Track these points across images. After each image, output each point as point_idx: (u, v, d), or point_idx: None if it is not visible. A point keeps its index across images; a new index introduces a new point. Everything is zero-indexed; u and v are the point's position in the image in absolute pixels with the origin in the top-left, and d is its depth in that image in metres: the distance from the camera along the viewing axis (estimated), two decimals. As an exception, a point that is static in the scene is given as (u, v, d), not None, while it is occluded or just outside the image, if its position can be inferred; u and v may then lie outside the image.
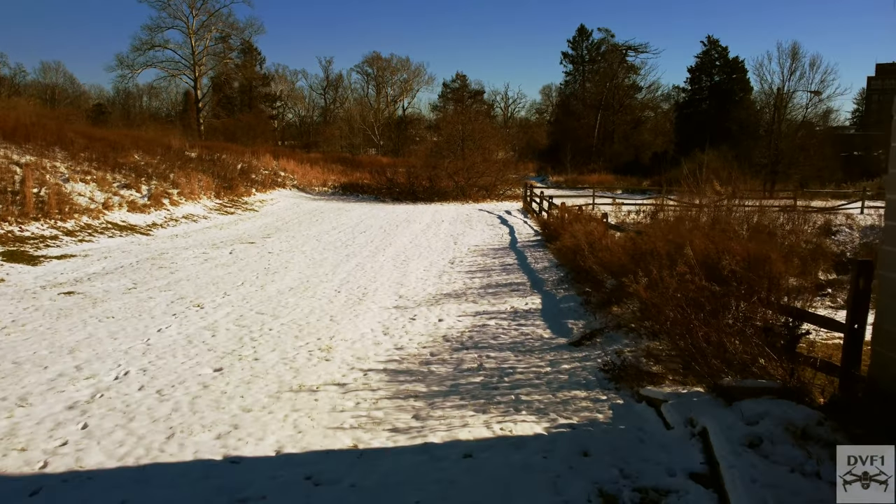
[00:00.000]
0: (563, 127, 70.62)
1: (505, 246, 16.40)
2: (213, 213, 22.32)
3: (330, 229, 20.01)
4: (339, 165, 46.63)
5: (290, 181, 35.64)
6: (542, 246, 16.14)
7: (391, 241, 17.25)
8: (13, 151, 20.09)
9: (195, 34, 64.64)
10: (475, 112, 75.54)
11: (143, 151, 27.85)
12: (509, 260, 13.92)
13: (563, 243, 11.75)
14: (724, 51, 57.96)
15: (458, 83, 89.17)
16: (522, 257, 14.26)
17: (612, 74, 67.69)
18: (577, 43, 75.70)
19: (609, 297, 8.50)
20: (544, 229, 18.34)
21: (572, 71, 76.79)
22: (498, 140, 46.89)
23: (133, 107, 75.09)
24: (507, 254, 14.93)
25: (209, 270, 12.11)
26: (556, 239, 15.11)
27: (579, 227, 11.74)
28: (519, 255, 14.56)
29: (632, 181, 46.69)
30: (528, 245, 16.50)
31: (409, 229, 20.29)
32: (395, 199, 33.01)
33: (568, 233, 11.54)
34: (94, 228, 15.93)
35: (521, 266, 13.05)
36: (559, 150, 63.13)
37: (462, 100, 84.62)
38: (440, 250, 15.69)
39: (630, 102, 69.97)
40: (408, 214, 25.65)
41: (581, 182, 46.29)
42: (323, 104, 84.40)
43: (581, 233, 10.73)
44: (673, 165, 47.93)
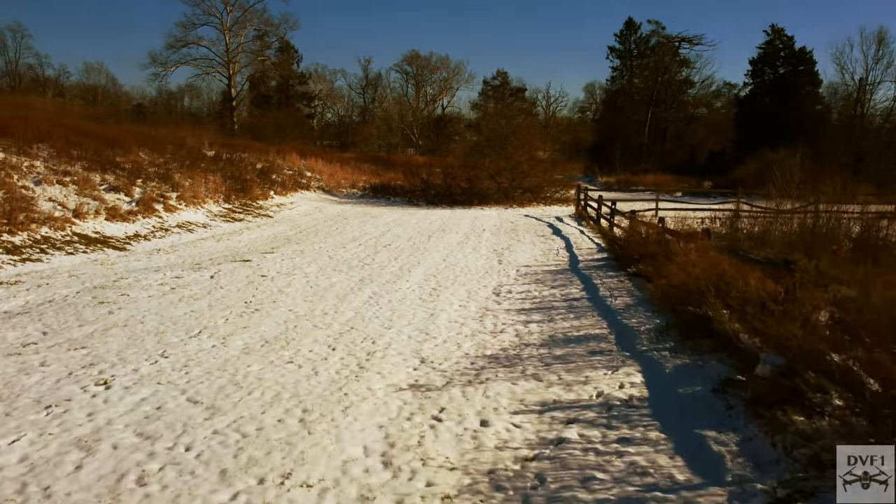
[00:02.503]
0: (609, 125, 66.64)
1: (564, 267, 12.85)
2: (216, 221, 19.22)
3: (349, 241, 16.71)
4: (372, 165, 43.49)
5: (316, 182, 32.54)
6: (611, 267, 12.55)
7: (420, 259, 13.86)
8: (-13, 149, 17.26)
9: (229, 31, 62.92)
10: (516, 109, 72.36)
11: (150, 149, 25.00)
12: (574, 291, 10.37)
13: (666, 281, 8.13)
14: (789, 41, 53.20)
15: (499, 80, 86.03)
16: (591, 286, 10.69)
17: (663, 68, 63.35)
18: (624, 37, 71.60)
19: (774, 388, 4.92)
20: (612, 245, 14.72)
21: (619, 66, 72.73)
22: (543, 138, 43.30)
23: (174, 107, 74.39)
24: (569, 279, 11.38)
25: (166, 308, 8.86)
26: (636, 261, 11.53)
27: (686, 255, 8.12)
28: (586, 283, 10.99)
29: (690, 182, 42.49)
30: (594, 266, 12.92)
31: (443, 241, 16.87)
32: (429, 203, 29.64)
33: (674, 264, 7.87)
34: (52, 242, 12.88)
35: (594, 302, 9.49)
36: (606, 149, 59.13)
37: (503, 97, 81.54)
38: (481, 272, 12.23)
39: (683, 98, 65.52)
40: (443, 221, 22.23)
41: (634, 183, 42.29)
42: (362, 103, 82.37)
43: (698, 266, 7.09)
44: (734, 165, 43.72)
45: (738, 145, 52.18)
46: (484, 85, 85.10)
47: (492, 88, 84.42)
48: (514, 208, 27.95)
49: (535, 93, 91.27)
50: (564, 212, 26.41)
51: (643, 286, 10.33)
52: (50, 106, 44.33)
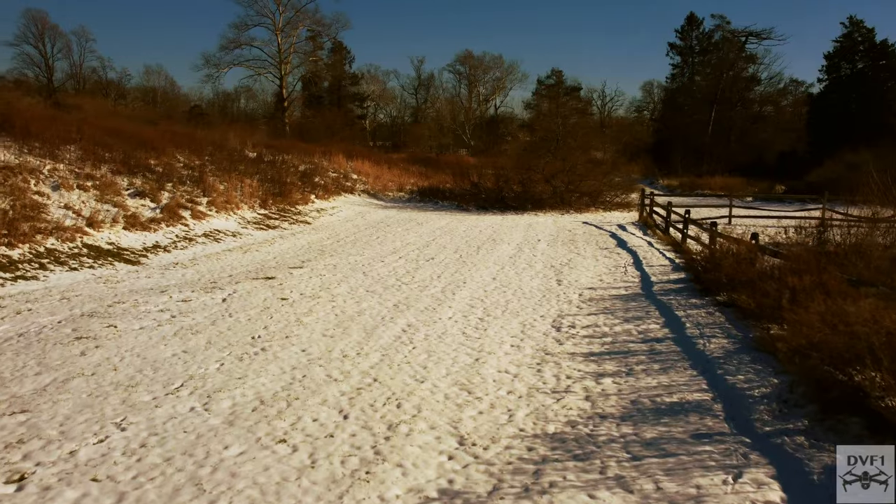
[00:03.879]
0: (669, 124, 63.74)
1: (635, 291, 10.87)
2: (248, 229, 17.81)
3: (388, 253, 15.05)
4: (420, 167, 41.88)
5: (361, 185, 31.08)
6: (693, 292, 10.52)
7: (467, 277, 12.08)
8: (9, 151, 16.25)
9: (281, 31, 62.63)
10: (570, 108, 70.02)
11: (189, 151, 23.91)
12: (654, 326, 8.41)
13: (792, 332, 6.08)
14: (869, 33, 49.44)
15: (554, 79, 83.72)
16: (674, 320, 8.70)
17: (728, 65, 59.96)
18: (685, 32, 68.62)
19: None
20: (690, 263, 12.65)
21: (680, 63, 69.75)
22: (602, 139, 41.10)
23: (230, 108, 74.91)
24: (644, 309, 9.42)
25: (154, 346, 7.29)
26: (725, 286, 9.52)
27: (822, 299, 6.07)
28: (666, 315, 9.01)
29: (761, 185, 39.50)
30: (671, 289, 10.90)
31: (493, 254, 15.05)
32: (480, 208, 27.82)
33: (811, 312, 5.81)
34: (56, 256, 11.57)
35: (682, 345, 7.52)
36: (666, 150, 56.26)
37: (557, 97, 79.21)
38: (537, 296, 10.38)
39: (748, 96, 61.99)
40: (494, 229, 20.39)
41: (700, 186, 39.53)
42: (414, 104, 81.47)
43: (853, 318, 5.06)
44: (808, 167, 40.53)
45: (810, 146, 48.78)
46: (538, 84, 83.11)
47: (546, 87, 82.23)
48: (571, 214, 25.90)
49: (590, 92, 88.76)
50: (626, 219, 24.24)
51: (742, 322, 8.31)
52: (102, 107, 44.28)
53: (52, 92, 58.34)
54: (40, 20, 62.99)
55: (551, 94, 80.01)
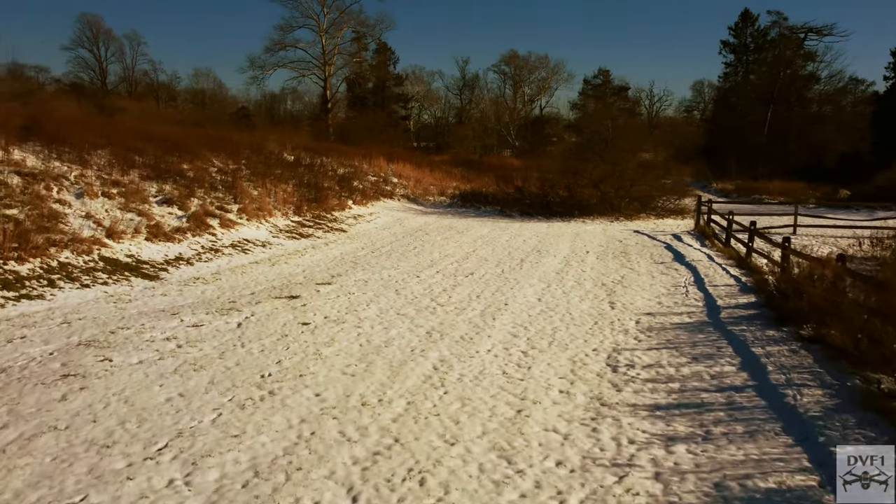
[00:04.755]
0: (721, 125, 61.40)
1: (701, 318, 9.57)
2: (280, 238, 16.96)
3: (425, 266, 14.00)
4: (463, 169, 40.75)
5: (401, 189, 30.13)
6: (768, 320, 9.17)
7: (509, 297, 10.94)
8: (38, 156, 15.73)
9: (326, 33, 62.50)
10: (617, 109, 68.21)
11: (225, 155, 23.31)
12: (729, 369, 7.13)
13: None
14: (940, 27, 46.49)
15: (601, 79, 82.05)
16: (752, 360, 7.39)
17: (785, 63, 57.28)
18: (739, 30, 66.14)
19: None
20: (761, 284, 11.27)
21: (733, 62, 67.31)
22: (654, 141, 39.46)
23: (276, 110, 75.39)
24: (714, 343, 8.13)
25: (147, 388, 6.35)
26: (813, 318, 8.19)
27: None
28: (741, 352, 7.70)
29: (823, 190, 37.21)
30: (742, 316, 9.56)
31: (538, 268, 13.86)
32: (524, 214, 26.56)
33: None
34: (69, 271, 10.81)
35: (767, 398, 6.22)
36: (718, 152, 54.04)
37: (604, 97, 77.60)
38: (588, 323, 9.20)
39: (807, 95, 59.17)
40: (539, 239, 19.16)
41: (756, 191, 37.48)
42: (458, 104, 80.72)
43: None
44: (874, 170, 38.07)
45: (875, 147, 46.15)
46: (584, 84, 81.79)
47: (592, 87, 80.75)
48: (621, 222, 24.47)
49: (637, 91, 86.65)
50: (681, 227, 22.72)
51: (834, 364, 6.99)
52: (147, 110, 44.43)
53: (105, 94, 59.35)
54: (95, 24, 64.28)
55: (598, 95, 78.38)
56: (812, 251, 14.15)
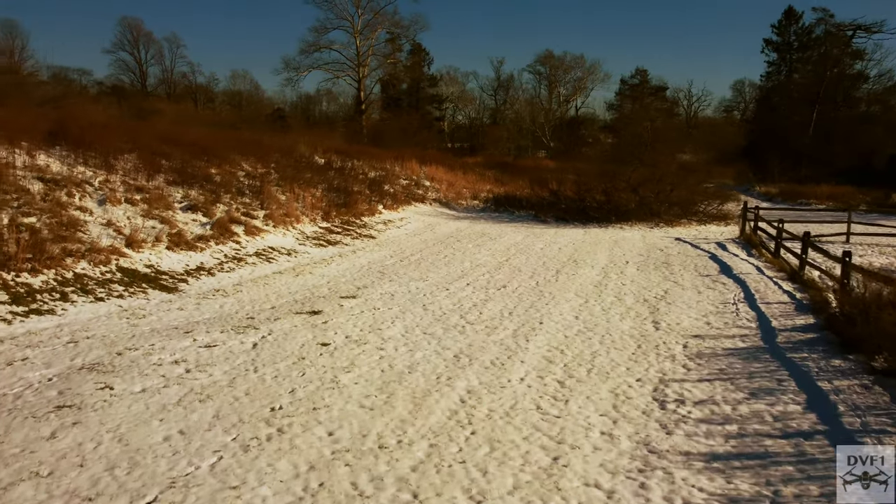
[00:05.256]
0: (763, 126, 59.45)
1: (755, 342, 8.72)
2: (306, 245, 16.43)
3: (455, 277, 13.34)
4: (497, 172, 40.01)
5: (433, 193, 29.51)
6: (831, 346, 8.28)
7: (544, 314, 10.22)
8: (64, 161, 15.47)
9: (360, 34, 62.51)
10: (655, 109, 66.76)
11: (254, 159, 22.97)
12: (794, 408, 6.30)
13: None
14: None
15: (638, 79, 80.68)
16: (819, 397, 6.54)
17: (832, 62, 55.23)
18: (782, 28, 64.33)
19: None
20: (820, 303, 10.36)
21: (776, 60, 65.50)
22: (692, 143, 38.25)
23: (311, 111, 75.73)
24: (773, 375, 7.29)
25: (146, 422, 5.79)
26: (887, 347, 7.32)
27: None
28: (805, 386, 6.85)
29: (874, 194, 35.55)
30: (802, 341, 8.69)
31: (575, 280, 13.10)
32: (559, 219, 25.71)
33: None
34: (84, 283, 10.38)
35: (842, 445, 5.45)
36: (760, 154, 52.29)
37: (641, 97, 76.18)
38: (631, 348, 8.43)
39: (855, 94, 56.99)
40: (575, 247, 18.35)
41: (802, 195, 36.00)
42: (493, 105, 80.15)
43: None
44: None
45: (929, 148, 44.14)
46: (621, 84, 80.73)
47: (629, 87, 79.40)
48: (661, 228, 23.48)
49: (675, 92, 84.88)
50: (725, 234, 21.67)
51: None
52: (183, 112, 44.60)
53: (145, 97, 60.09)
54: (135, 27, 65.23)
55: (635, 95, 76.89)
56: (869, 263, 13.15)
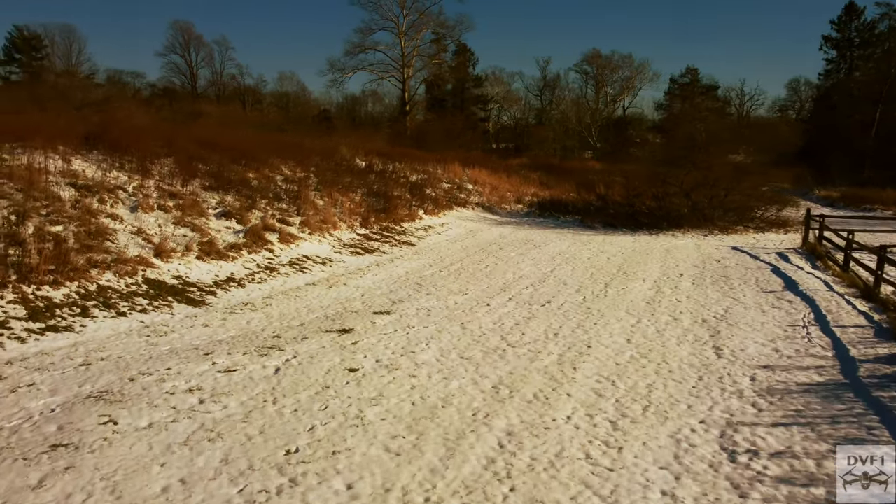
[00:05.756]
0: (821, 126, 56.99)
1: (834, 375, 7.72)
2: (343, 253, 15.84)
3: (496, 291, 12.55)
4: (542, 174, 39.02)
5: (476, 197, 28.73)
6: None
7: (592, 336, 9.37)
8: (100, 166, 15.21)
9: (405, 35, 62.42)
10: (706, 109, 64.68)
11: (294, 162, 22.56)
12: (890, 465, 5.39)
13: None
14: None
15: (688, 78, 78.55)
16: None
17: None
18: (843, 24, 61.70)
19: None
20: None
21: (836, 58, 62.91)
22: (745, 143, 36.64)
23: (357, 112, 76.07)
24: (860, 420, 6.31)
25: (145, 468, 5.17)
26: None
27: None
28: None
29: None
30: (887, 375, 7.65)
31: (625, 296, 12.18)
32: (607, 225, 24.65)
33: None
34: (107, 297, 9.93)
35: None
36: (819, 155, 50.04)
37: (692, 96, 74.09)
38: (691, 380, 7.53)
39: (924, 92, 54.11)
40: (624, 256, 17.37)
41: (865, 199, 34.06)
42: (538, 105, 79.23)
43: None
44: None
45: None
46: (670, 83, 78.58)
47: (679, 87, 77.30)
48: (716, 235, 22.25)
49: (727, 91, 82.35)
50: (785, 242, 20.36)
51: None
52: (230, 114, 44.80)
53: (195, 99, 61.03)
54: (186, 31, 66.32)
55: (685, 94, 74.75)
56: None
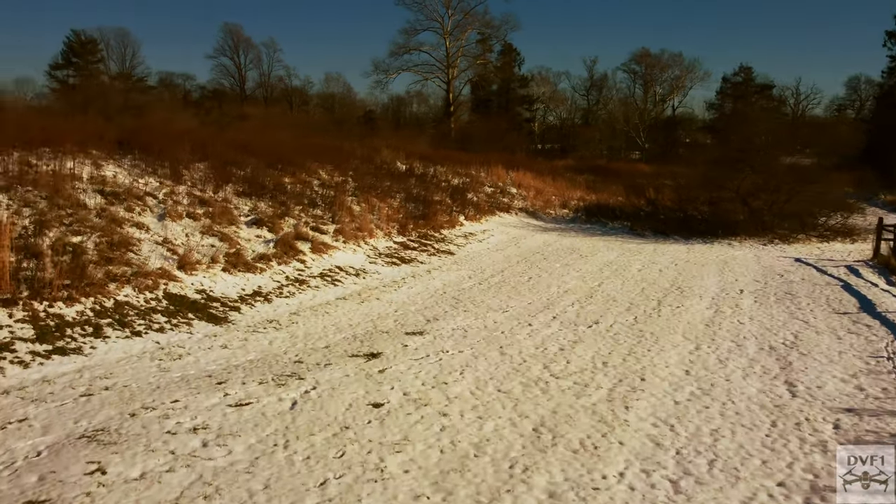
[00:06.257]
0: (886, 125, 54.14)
1: (934, 424, 6.65)
2: (378, 263, 15.11)
3: (539, 308, 11.64)
4: (589, 176, 37.87)
5: (520, 201, 27.78)
6: None
7: (645, 366, 8.39)
8: (132, 171, 14.81)
9: (450, 35, 62.05)
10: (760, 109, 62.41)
11: (332, 167, 22.00)
12: None
13: None
14: None
15: (741, 77, 76.02)
16: None
17: (969, 52, 49.66)
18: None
19: None
20: None
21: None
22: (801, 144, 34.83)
23: (402, 113, 76.20)
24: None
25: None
26: None
27: None
28: None
29: None
30: None
31: (681, 316, 11.12)
32: (657, 232, 23.44)
33: None
34: (123, 314, 9.35)
35: None
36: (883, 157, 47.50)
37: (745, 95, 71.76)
38: (763, 427, 6.46)
39: None
40: (678, 269, 16.22)
41: (939, 205, 31.94)
42: (585, 105, 78.00)
43: None
44: None
45: None
46: (723, 82, 76.11)
47: (732, 86, 74.85)
48: (776, 245, 20.84)
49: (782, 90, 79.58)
50: (853, 254, 18.87)
51: None
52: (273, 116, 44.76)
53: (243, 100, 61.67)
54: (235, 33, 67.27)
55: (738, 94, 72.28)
56: None
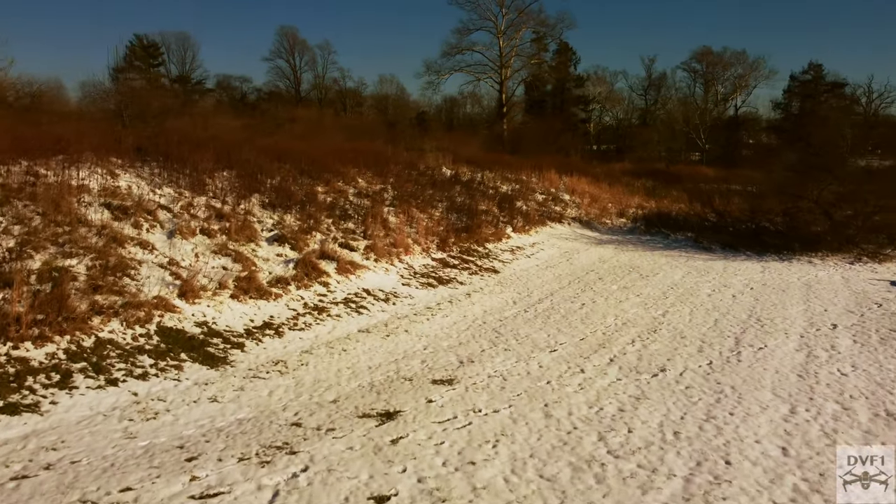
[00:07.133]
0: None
1: None
2: (412, 285, 13.53)
3: (595, 346, 9.86)
4: (647, 181, 35.59)
5: (573, 210, 25.85)
6: None
7: (730, 440, 6.56)
8: (150, 181, 13.66)
9: (503, 34, 60.56)
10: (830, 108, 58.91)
11: (372, 173, 20.62)
12: None
13: None
14: None
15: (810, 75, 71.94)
16: None
17: None
18: None
19: None
20: None
21: None
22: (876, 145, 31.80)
23: (456, 114, 75.16)
24: None
25: None
26: None
27: None
28: None
29: None
30: None
31: (767, 363, 9.19)
32: (726, 246, 21.21)
33: None
34: (104, 353, 8.00)
35: None
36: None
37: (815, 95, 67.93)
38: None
39: None
40: (755, 293, 14.16)
41: None
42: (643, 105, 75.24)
43: None
44: None
45: None
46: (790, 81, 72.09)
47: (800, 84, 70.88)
48: (864, 263, 18.41)
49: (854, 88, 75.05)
50: (957, 275, 16.43)
51: None
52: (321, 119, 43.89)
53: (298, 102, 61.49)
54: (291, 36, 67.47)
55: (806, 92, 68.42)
56: None
